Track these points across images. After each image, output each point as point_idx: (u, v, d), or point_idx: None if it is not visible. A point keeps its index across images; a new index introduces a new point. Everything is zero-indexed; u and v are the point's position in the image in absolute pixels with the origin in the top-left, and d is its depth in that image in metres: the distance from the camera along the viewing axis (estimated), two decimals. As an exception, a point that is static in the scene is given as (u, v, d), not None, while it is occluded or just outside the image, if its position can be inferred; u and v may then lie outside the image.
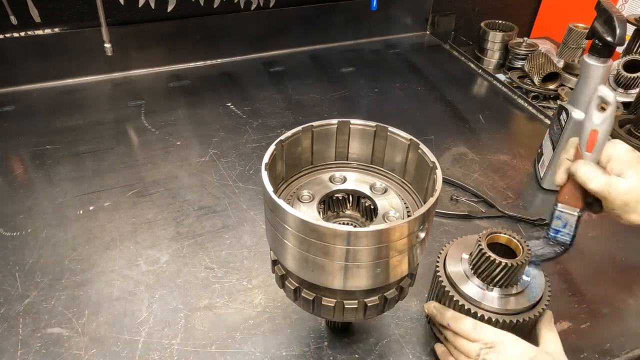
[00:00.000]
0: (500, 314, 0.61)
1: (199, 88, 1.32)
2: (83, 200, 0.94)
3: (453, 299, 0.63)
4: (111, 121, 1.18)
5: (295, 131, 0.60)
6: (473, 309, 0.62)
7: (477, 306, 0.62)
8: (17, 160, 1.05)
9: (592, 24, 0.86)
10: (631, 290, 0.81)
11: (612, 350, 0.72)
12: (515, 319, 0.61)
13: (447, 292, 0.64)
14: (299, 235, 0.50)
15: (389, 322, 0.74)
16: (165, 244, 0.86)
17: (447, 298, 0.64)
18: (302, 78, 1.39)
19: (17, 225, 0.89)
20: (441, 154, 1.10)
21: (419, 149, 0.59)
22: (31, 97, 1.25)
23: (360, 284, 0.53)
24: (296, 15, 1.47)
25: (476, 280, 0.63)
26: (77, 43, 1.27)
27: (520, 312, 0.62)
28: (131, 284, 0.79)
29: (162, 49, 1.37)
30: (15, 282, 0.78)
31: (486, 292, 0.62)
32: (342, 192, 0.63)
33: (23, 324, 0.72)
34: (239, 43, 1.45)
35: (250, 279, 0.80)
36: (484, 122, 1.23)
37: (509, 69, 1.50)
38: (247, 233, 0.88)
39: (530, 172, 1.06)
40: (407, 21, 1.64)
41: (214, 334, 0.72)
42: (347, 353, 0.70)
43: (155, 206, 0.93)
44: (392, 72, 1.45)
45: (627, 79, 1.27)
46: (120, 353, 0.69)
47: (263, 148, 1.08)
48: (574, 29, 1.45)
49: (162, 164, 1.05)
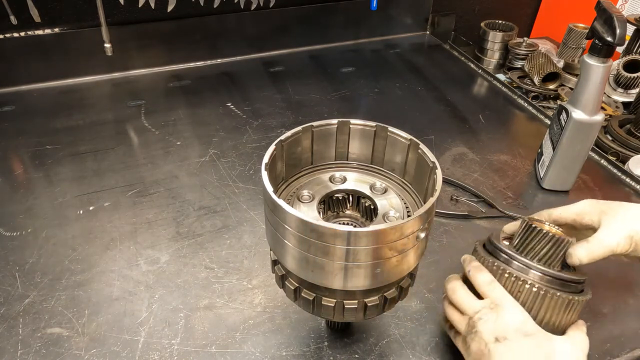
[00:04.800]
0: (545, 284, 0.59)
1: (199, 88, 1.32)
2: (83, 200, 0.94)
3: (500, 269, 0.61)
4: (111, 121, 1.18)
5: (295, 131, 0.60)
6: (522, 276, 0.60)
7: (524, 274, 0.60)
8: (17, 160, 1.05)
9: (592, 24, 0.86)
10: (631, 290, 0.81)
11: (612, 350, 0.72)
12: (559, 293, 0.59)
13: (493, 262, 0.62)
14: (299, 235, 0.50)
15: (389, 322, 0.74)
16: (165, 244, 0.86)
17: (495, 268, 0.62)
18: (302, 78, 1.39)
19: (17, 225, 0.89)
20: (441, 154, 1.10)
21: (419, 149, 0.59)
22: (31, 97, 1.25)
23: (360, 284, 0.53)
24: (296, 15, 1.47)
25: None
26: (77, 43, 1.27)
27: (561, 289, 0.60)
28: (131, 284, 0.79)
29: (162, 49, 1.37)
30: (15, 282, 0.78)
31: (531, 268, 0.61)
32: (342, 192, 0.63)
33: (23, 324, 0.72)
34: (239, 43, 1.45)
35: (250, 279, 0.80)
36: (484, 122, 1.24)
37: (509, 69, 1.50)
38: (247, 233, 0.88)
39: (530, 172, 1.06)
40: (407, 21, 1.64)
41: (214, 334, 0.72)
42: (347, 353, 0.70)
43: (155, 206, 0.93)
44: (392, 72, 1.45)
45: (627, 79, 1.27)
46: (120, 353, 0.69)
47: (263, 148, 1.08)
48: (574, 29, 1.45)
49: (162, 164, 1.05)
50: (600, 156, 1.11)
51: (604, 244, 0.62)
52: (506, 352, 0.56)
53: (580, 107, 0.90)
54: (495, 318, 0.58)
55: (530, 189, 1.02)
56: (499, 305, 0.59)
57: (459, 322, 0.63)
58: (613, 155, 1.12)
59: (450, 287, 0.65)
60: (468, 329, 0.61)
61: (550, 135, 0.99)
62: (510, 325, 0.57)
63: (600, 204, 0.67)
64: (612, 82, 1.31)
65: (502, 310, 0.58)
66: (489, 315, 0.59)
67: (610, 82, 1.31)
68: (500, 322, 0.58)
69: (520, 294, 0.60)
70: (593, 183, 1.04)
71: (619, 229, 0.63)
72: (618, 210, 0.65)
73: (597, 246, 0.62)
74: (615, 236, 0.62)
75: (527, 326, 0.57)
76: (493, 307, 0.59)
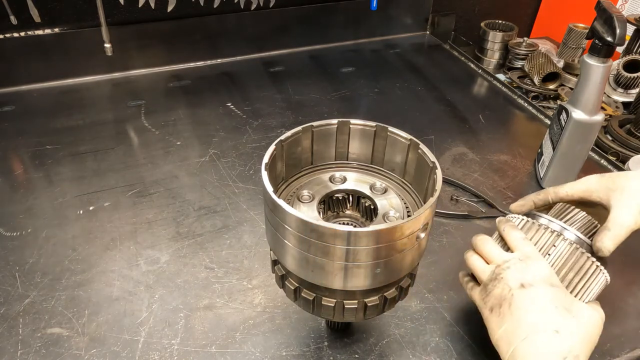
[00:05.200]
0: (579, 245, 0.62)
1: (199, 88, 1.32)
2: (83, 200, 0.94)
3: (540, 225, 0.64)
4: (111, 121, 1.18)
5: (295, 131, 0.60)
6: (559, 233, 0.63)
7: (560, 232, 0.63)
8: (17, 160, 1.05)
9: (592, 24, 0.86)
10: (631, 290, 0.81)
11: (612, 350, 0.72)
12: (592, 257, 0.61)
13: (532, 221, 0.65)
14: (299, 235, 0.50)
15: (389, 322, 0.74)
16: (165, 244, 0.86)
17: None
18: (302, 78, 1.39)
19: (17, 225, 0.89)
20: (441, 154, 1.10)
21: (419, 149, 0.59)
22: (31, 97, 1.25)
23: (360, 284, 0.53)
24: (296, 15, 1.47)
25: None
26: (77, 43, 1.27)
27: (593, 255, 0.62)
28: (131, 284, 0.79)
29: (162, 49, 1.37)
30: (15, 282, 0.78)
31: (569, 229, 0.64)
32: (342, 192, 0.63)
33: (23, 324, 0.72)
34: (239, 43, 1.45)
35: (250, 279, 0.80)
36: (484, 122, 1.24)
37: (509, 69, 1.50)
38: (247, 233, 0.88)
39: (530, 172, 1.06)
40: (407, 21, 1.64)
41: (214, 334, 0.72)
42: (347, 353, 0.70)
43: (155, 206, 0.93)
44: (392, 72, 1.45)
45: (627, 79, 1.27)
46: (120, 353, 0.69)
47: (263, 148, 1.08)
48: (574, 29, 1.45)
49: (162, 164, 1.05)
50: (600, 156, 1.11)
51: (624, 225, 0.62)
52: (529, 297, 0.57)
53: (580, 107, 0.90)
54: (524, 267, 0.59)
55: (530, 189, 1.02)
56: (529, 258, 0.60)
57: (483, 271, 0.63)
58: (613, 155, 1.12)
59: (480, 238, 0.66)
60: (493, 276, 0.61)
61: (550, 135, 0.99)
62: (537, 275, 0.59)
63: (605, 180, 0.67)
64: (612, 82, 1.31)
65: (532, 262, 0.60)
66: (518, 264, 0.60)
67: (610, 82, 1.31)
68: (529, 271, 0.59)
69: (555, 248, 0.62)
70: (593, 183, 1.04)
71: (632, 205, 0.63)
72: (624, 185, 0.65)
73: (618, 230, 0.62)
74: (630, 214, 0.62)
75: (553, 279, 0.59)
76: (523, 258, 0.60)
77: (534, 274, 0.59)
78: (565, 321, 0.56)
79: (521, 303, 0.57)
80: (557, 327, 0.55)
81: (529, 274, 0.59)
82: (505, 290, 0.59)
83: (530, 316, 0.56)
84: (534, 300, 0.57)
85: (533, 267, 0.59)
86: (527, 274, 0.59)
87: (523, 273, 0.59)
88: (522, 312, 0.57)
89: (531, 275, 0.59)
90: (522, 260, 0.60)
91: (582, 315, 0.57)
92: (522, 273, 0.59)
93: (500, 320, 0.58)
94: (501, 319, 0.58)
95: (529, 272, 0.59)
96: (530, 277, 0.59)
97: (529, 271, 0.59)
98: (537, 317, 0.56)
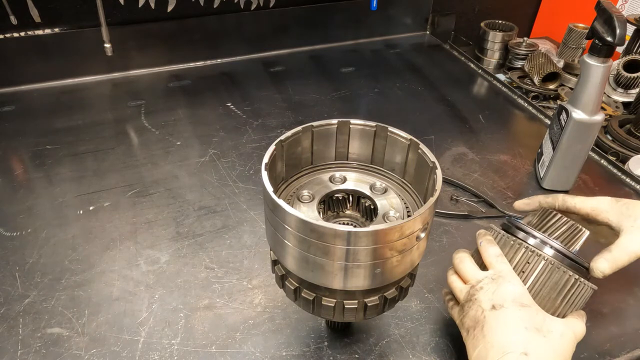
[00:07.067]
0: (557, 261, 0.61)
1: (199, 88, 1.32)
2: (83, 200, 0.94)
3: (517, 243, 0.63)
4: (111, 121, 1.18)
5: (295, 131, 0.60)
6: (537, 250, 0.61)
7: (539, 249, 0.62)
8: (17, 160, 1.05)
9: (592, 24, 0.86)
10: (631, 290, 0.81)
11: (612, 350, 0.72)
12: (569, 272, 0.60)
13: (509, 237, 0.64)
14: (299, 235, 0.50)
15: (389, 322, 0.74)
16: (165, 244, 0.86)
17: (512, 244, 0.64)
18: (302, 78, 1.39)
19: (17, 225, 0.89)
20: (441, 154, 1.10)
21: (419, 149, 0.59)
22: (31, 97, 1.25)
23: (360, 284, 0.53)
24: (296, 15, 1.47)
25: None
26: (77, 43, 1.27)
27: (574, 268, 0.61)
28: (131, 284, 0.79)
29: (162, 49, 1.37)
30: (15, 282, 0.78)
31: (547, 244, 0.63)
32: (342, 192, 0.63)
33: (23, 324, 0.72)
34: (239, 43, 1.45)
35: (250, 279, 0.80)
36: (484, 122, 1.23)
37: (509, 69, 1.50)
38: (247, 233, 0.88)
39: (530, 172, 1.06)
40: (407, 21, 1.64)
41: (214, 334, 0.72)
42: (347, 353, 0.70)
43: (155, 206, 0.93)
44: (392, 72, 1.45)
45: (627, 79, 1.27)
46: (120, 353, 0.69)
47: (263, 148, 1.08)
48: (574, 29, 1.45)
49: (162, 164, 1.05)
50: (600, 156, 1.11)
51: (629, 250, 0.62)
52: (500, 318, 0.57)
53: (580, 107, 0.90)
54: (495, 288, 0.59)
55: (530, 189, 1.02)
56: (502, 277, 0.60)
57: (460, 291, 0.64)
58: (613, 155, 1.12)
59: (458, 256, 0.67)
60: (468, 297, 0.62)
61: (550, 135, 0.99)
62: (508, 295, 0.59)
63: (620, 205, 0.67)
64: (612, 82, 1.31)
65: (503, 281, 0.60)
66: (490, 285, 0.60)
67: (610, 82, 1.31)
68: (499, 292, 0.59)
69: (530, 265, 0.61)
70: (593, 183, 1.04)
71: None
72: (639, 214, 0.65)
73: (620, 254, 0.62)
74: (639, 242, 0.63)
75: (524, 298, 0.59)
76: (495, 277, 0.60)
77: (505, 294, 0.59)
78: (534, 342, 0.56)
79: (492, 325, 0.57)
80: (525, 349, 0.55)
81: (500, 294, 0.59)
82: (479, 312, 0.59)
83: (501, 338, 0.56)
84: (504, 321, 0.57)
85: (503, 287, 0.59)
86: (499, 294, 0.59)
87: (495, 293, 0.59)
88: (492, 334, 0.57)
89: (502, 295, 0.59)
90: (495, 280, 0.60)
91: (553, 335, 0.57)
92: (494, 293, 0.59)
93: (475, 342, 0.58)
94: (476, 342, 0.58)
95: (499, 293, 0.59)
96: (501, 298, 0.58)
97: (499, 292, 0.59)
98: (506, 339, 0.56)
